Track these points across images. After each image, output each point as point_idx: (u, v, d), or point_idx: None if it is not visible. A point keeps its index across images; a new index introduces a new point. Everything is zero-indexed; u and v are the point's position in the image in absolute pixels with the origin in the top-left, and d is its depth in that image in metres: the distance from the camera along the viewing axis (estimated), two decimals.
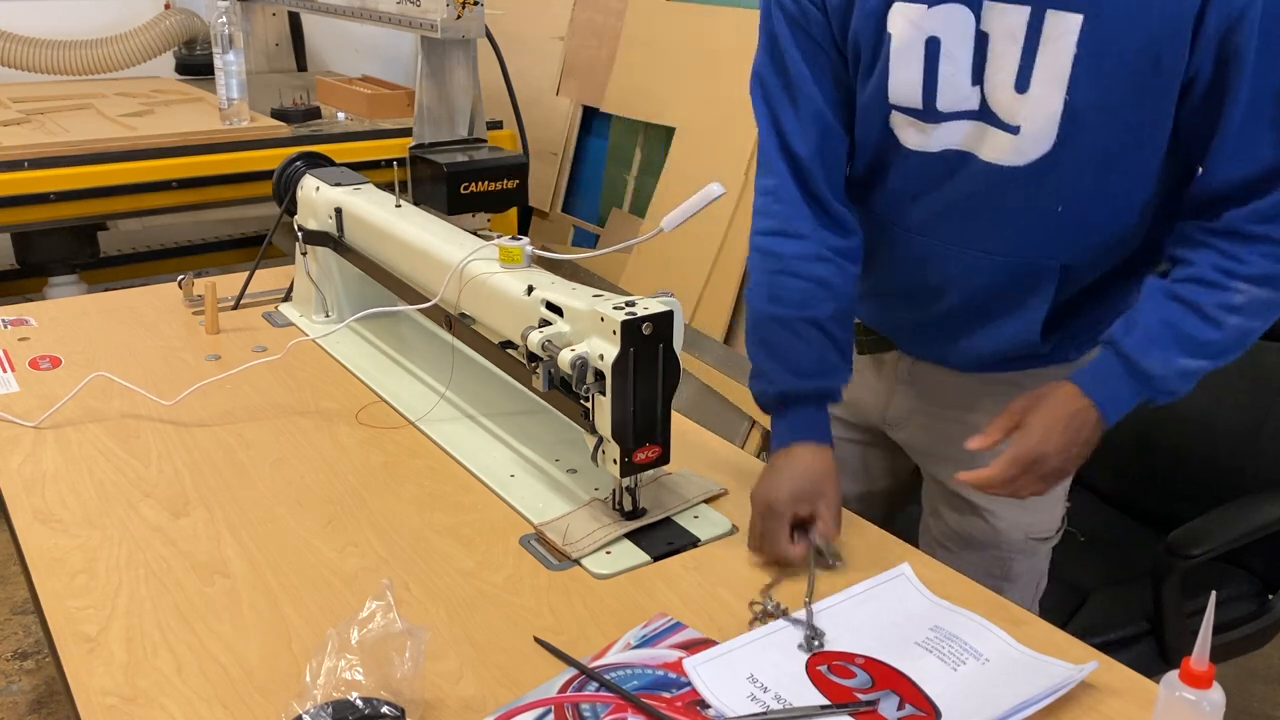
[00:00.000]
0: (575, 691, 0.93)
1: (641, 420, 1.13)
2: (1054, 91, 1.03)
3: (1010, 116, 1.06)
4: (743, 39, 2.86)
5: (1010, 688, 0.94)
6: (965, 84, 1.07)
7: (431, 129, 2.58)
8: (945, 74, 1.08)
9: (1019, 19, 1.02)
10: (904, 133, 1.15)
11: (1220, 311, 1.05)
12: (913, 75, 1.09)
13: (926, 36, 1.07)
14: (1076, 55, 1.00)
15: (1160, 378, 1.08)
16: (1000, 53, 1.04)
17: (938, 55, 1.07)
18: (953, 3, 1.04)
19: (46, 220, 2.48)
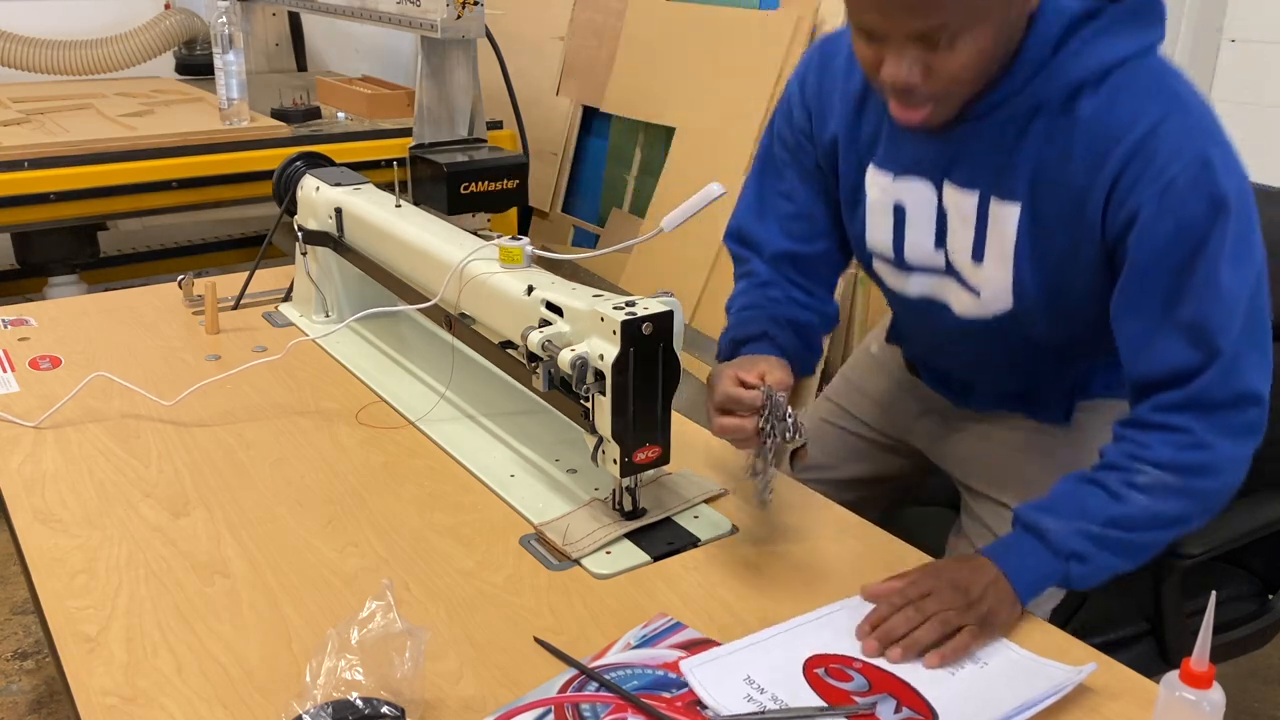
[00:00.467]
0: (575, 691, 0.93)
1: (641, 420, 1.13)
2: (1003, 266, 1.13)
3: (971, 280, 1.18)
4: (743, 39, 2.86)
5: (1008, 690, 0.94)
6: (930, 247, 1.19)
7: (431, 129, 2.57)
8: (910, 237, 1.20)
9: (970, 202, 1.13)
10: (885, 275, 1.28)
11: (1124, 488, 1.06)
12: (883, 233, 1.22)
13: (894, 202, 1.19)
14: (1017, 238, 1.11)
15: (1058, 534, 1.05)
16: (956, 228, 1.15)
17: (904, 220, 1.19)
18: (916, 177, 1.16)
19: (46, 220, 2.48)
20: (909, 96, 1.03)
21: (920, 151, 1.15)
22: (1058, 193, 1.07)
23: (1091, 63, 1.03)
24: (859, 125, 1.21)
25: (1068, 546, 1.05)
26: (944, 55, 0.99)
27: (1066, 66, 1.04)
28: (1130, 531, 1.06)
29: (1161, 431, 1.06)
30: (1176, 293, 1.03)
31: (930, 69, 1.00)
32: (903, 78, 1.01)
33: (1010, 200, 1.10)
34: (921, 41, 0.99)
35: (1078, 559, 1.05)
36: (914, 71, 1.00)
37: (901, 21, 0.98)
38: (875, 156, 1.20)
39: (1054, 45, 1.03)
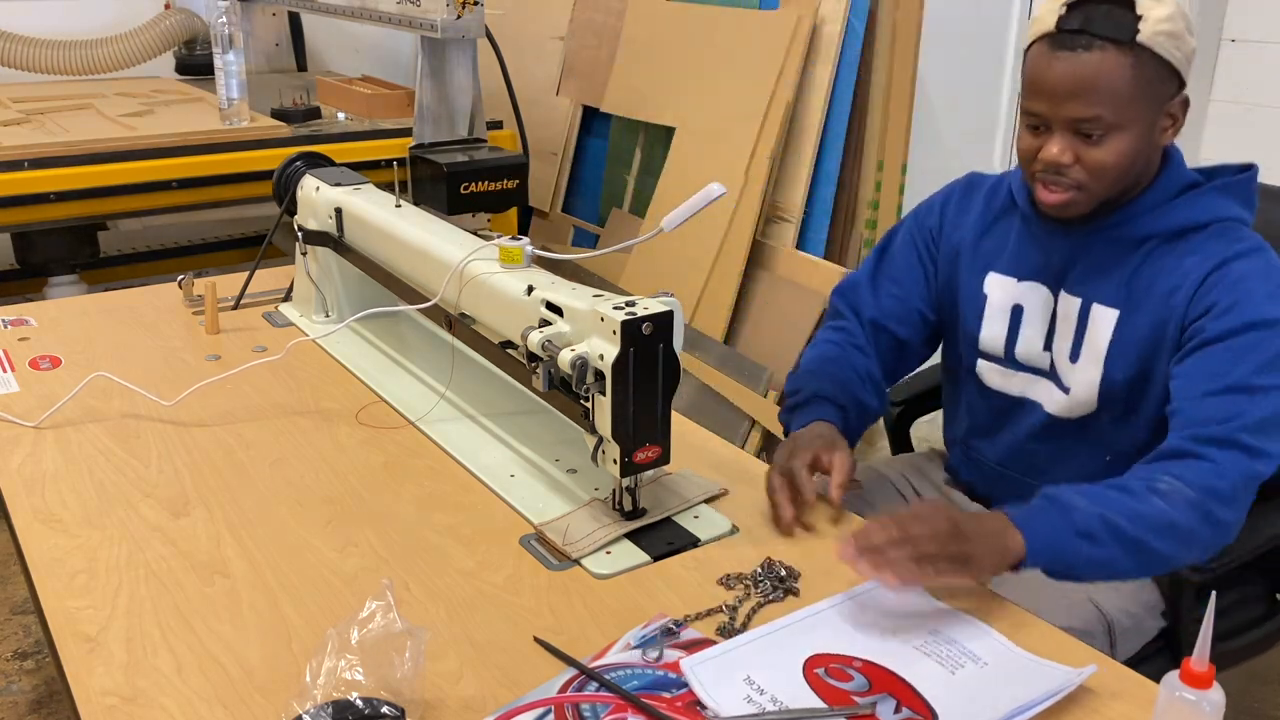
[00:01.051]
0: (575, 691, 0.93)
1: (641, 420, 1.13)
2: (1095, 365, 1.29)
3: (1065, 379, 1.33)
4: (743, 39, 2.86)
5: (1008, 691, 0.94)
6: (1039, 347, 1.35)
7: (431, 129, 2.57)
8: (1025, 335, 1.36)
9: (1075, 306, 1.31)
10: (989, 376, 1.42)
11: (1144, 490, 1.13)
12: (1000, 331, 1.38)
13: (1014, 303, 1.36)
14: (1111, 339, 1.28)
15: (1080, 512, 1.11)
16: (1062, 329, 1.33)
17: (1020, 318, 1.36)
18: (1036, 282, 1.34)
19: (46, 220, 2.48)
20: (1057, 179, 1.23)
21: (1042, 260, 1.33)
22: (1150, 300, 1.26)
23: (1202, 213, 1.26)
24: (987, 238, 1.41)
25: (1086, 525, 1.10)
26: (1094, 147, 1.20)
27: (1179, 213, 1.26)
28: (1143, 530, 1.11)
29: (1190, 459, 1.15)
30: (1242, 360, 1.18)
31: (1080, 157, 1.21)
32: (1056, 157, 1.21)
33: (1110, 306, 1.28)
34: (1077, 132, 1.20)
35: (1089, 539, 1.10)
36: (1067, 154, 1.21)
37: (1066, 107, 1.19)
38: (999, 265, 1.38)
39: (1172, 196, 1.27)
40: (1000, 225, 1.40)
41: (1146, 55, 1.17)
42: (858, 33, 2.70)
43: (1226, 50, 3.71)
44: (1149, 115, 1.20)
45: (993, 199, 1.43)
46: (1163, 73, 1.19)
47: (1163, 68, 1.19)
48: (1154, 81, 1.19)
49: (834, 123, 2.75)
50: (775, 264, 2.79)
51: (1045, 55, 1.20)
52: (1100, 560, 1.11)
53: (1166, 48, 1.17)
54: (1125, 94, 1.18)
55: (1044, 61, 1.20)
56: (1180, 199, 1.27)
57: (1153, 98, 1.20)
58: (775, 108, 2.73)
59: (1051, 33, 1.20)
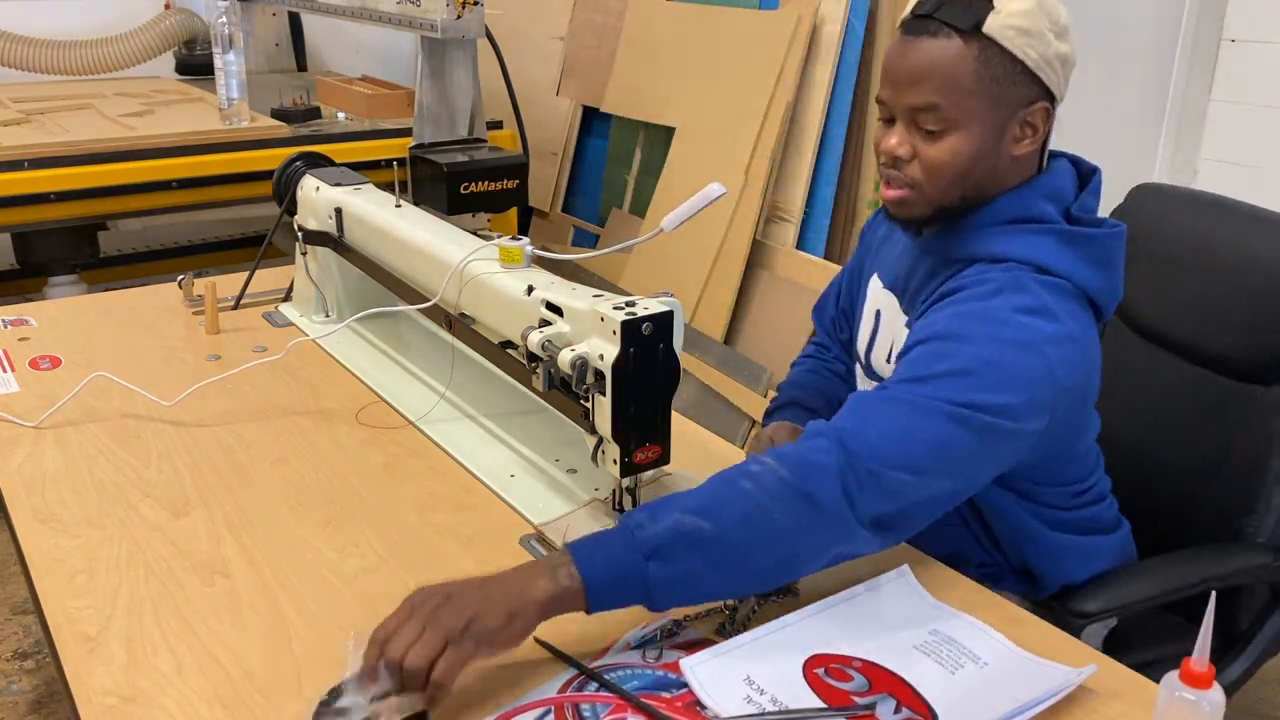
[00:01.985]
0: (575, 691, 0.93)
1: (641, 420, 1.13)
2: None
3: None
4: (743, 39, 2.86)
5: (1008, 691, 0.94)
6: (884, 357, 1.29)
7: (431, 129, 2.57)
8: (878, 342, 1.31)
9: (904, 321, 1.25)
10: (859, 381, 1.39)
11: (735, 474, 1.00)
12: (866, 332, 1.34)
13: (876, 308, 1.32)
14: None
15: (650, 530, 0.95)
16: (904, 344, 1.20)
17: (879, 324, 1.31)
18: (892, 291, 1.29)
19: (46, 220, 2.48)
20: (895, 174, 1.17)
21: (902, 269, 1.28)
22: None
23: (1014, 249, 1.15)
24: (884, 245, 1.36)
25: (651, 541, 0.95)
26: (931, 144, 1.14)
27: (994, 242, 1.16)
28: (718, 524, 0.96)
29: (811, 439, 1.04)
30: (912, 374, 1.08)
31: (917, 152, 1.15)
32: (893, 148, 1.16)
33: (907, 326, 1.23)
34: (915, 124, 1.14)
35: (659, 557, 0.95)
36: (904, 146, 1.15)
37: (905, 94, 1.14)
38: (879, 269, 1.34)
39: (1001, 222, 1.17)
40: (896, 235, 1.33)
41: (994, 50, 1.10)
42: (858, 33, 2.70)
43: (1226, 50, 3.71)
44: (993, 117, 1.12)
45: None
46: (1013, 73, 1.11)
47: (1013, 67, 1.11)
48: (1001, 80, 1.11)
49: (834, 123, 2.75)
50: (775, 264, 2.79)
51: (896, 40, 1.15)
52: (685, 574, 0.95)
53: (1018, 44, 1.10)
54: (964, 87, 1.10)
55: (893, 46, 1.15)
56: (1003, 229, 1.16)
57: (998, 98, 1.12)
58: (775, 108, 2.73)
59: (907, 18, 1.15)
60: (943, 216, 1.18)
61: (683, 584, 0.96)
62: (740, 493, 0.99)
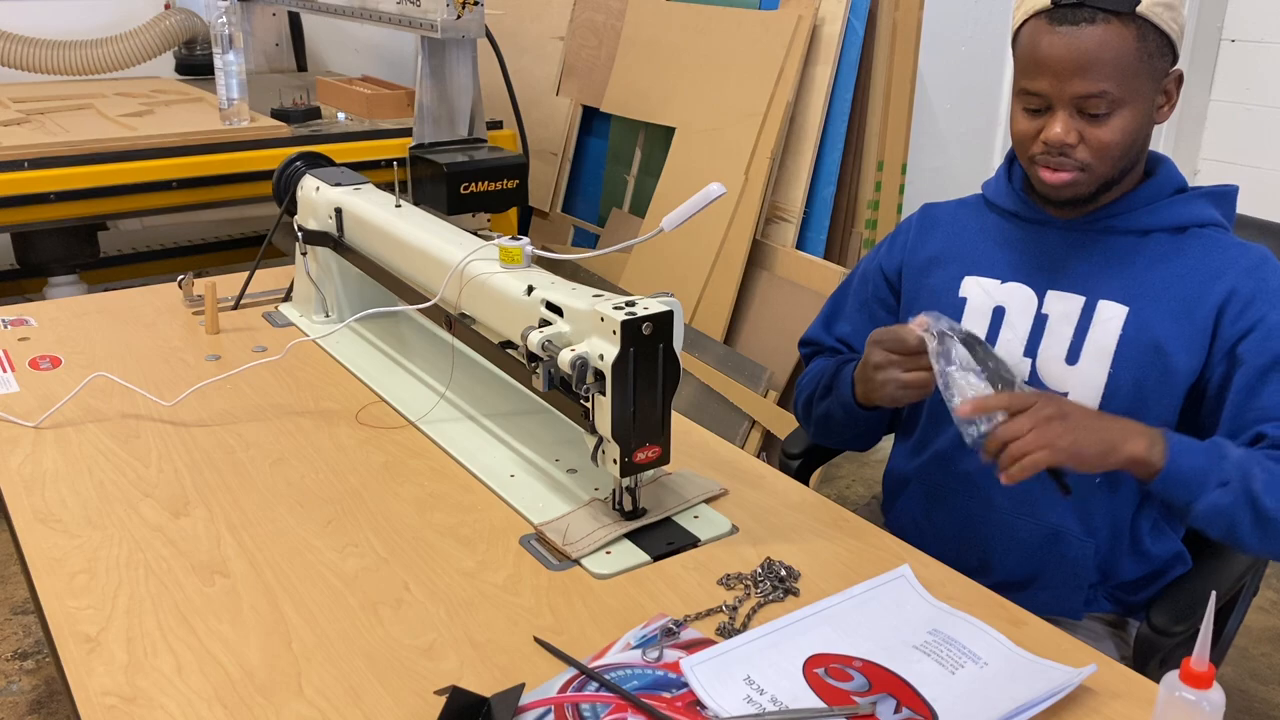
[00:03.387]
0: (575, 691, 0.93)
1: (641, 420, 1.13)
2: (1101, 364, 1.25)
3: (1058, 385, 1.28)
4: (743, 39, 2.86)
5: (1008, 691, 0.94)
6: (1019, 352, 1.30)
7: (431, 129, 2.57)
8: (1004, 338, 1.31)
9: (1075, 305, 1.27)
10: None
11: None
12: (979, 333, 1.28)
13: (995, 305, 1.32)
14: (1121, 336, 1.24)
15: (1232, 460, 1.12)
16: (1055, 330, 1.28)
17: (1000, 322, 1.31)
18: (1019, 284, 1.31)
19: (46, 220, 2.48)
20: (1061, 160, 1.21)
21: (1028, 260, 1.31)
22: (1165, 298, 1.24)
23: (1196, 214, 1.26)
24: (958, 246, 1.38)
25: (1228, 474, 1.11)
26: (1098, 126, 1.18)
27: (1179, 210, 1.26)
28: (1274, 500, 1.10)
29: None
30: None
31: (1084, 137, 1.19)
32: (1061, 137, 1.18)
33: (1119, 301, 1.25)
34: (1081, 110, 1.18)
35: (1223, 488, 1.10)
36: (1071, 134, 1.19)
37: (1070, 84, 1.16)
38: (977, 269, 1.35)
39: (1169, 194, 1.27)
40: (973, 233, 1.37)
41: (1148, 27, 1.16)
42: (858, 33, 2.70)
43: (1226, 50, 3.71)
44: (1150, 90, 1.19)
45: (960, 213, 1.41)
46: (1162, 45, 1.18)
47: (1162, 40, 1.17)
48: (1154, 55, 1.17)
49: (834, 123, 2.75)
50: (775, 264, 2.79)
51: (1044, 31, 1.17)
52: (1222, 508, 1.11)
53: (1165, 19, 1.16)
54: (1129, 68, 1.16)
55: (1043, 37, 1.17)
56: (1177, 197, 1.27)
57: (1153, 72, 1.18)
58: (775, 108, 2.73)
59: (1048, 8, 1.17)
60: (1102, 191, 1.24)
61: (1224, 520, 1.12)
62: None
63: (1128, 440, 1.12)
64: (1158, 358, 1.23)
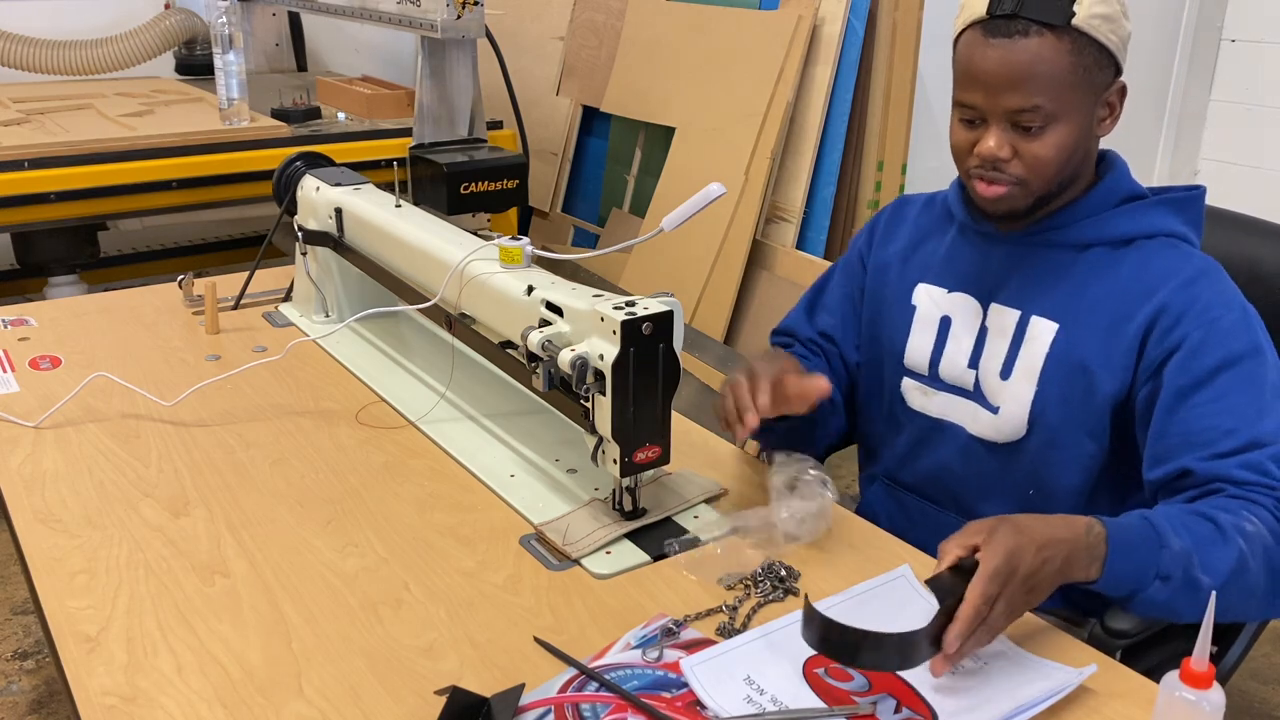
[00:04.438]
0: (575, 691, 0.93)
1: (641, 420, 1.13)
2: (1029, 381, 1.23)
3: (994, 398, 1.26)
4: (743, 39, 2.86)
5: (1008, 691, 0.94)
6: (963, 364, 1.29)
7: (431, 129, 2.57)
8: (949, 350, 1.30)
9: (1011, 319, 1.25)
10: (911, 395, 1.35)
11: (1233, 530, 1.05)
12: (926, 343, 1.32)
13: (942, 314, 1.31)
14: (1049, 352, 1.22)
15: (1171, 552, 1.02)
16: (993, 343, 1.26)
17: (947, 331, 1.30)
18: (965, 294, 1.29)
19: (46, 220, 2.48)
20: (996, 174, 1.18)
21: (974, 270, 1.29)
22: (1095, 316, 1.20)
23: (1145, 224, 1.21)
24: (917, 250, 1.36)
25: (1168, 568, 1.02)
26: (1031, 141, 1.15)
27: (1122, 221, 1.22)
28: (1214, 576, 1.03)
29: (1259, 488, 1.08)
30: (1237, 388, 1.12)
31: (1018, 151, 1.16)
32: (994, 151, 1.16)
33: (1049, 318, 1.22)
34: (1015, 124, 1.15)
35: (1164, 581, 1.03)
36: (1005, 148, 1.16)
37: (1003, 98, 1.13)
38: (929, 276, 1.33)
39: (1114, 203, 1.22)
40: (933, 238, 1.35)
41: (1084, 40, 1.12)
42: (858, 33, 2.70)
43: (1226, 50, 3.71)
44: (1087, 104, 1.16)
45: (926, 213, 1.38)
46: (1100, 59, 1.14)
47: (1100, 53, 1.14)
48: (1091, 68, 1.14)
49: (834, 123, 2.75)
50: (775, 264, 2.80)
51: (978, 43, 1.14)
52: (1160, 602, 1.03)
53: (1103, 31, 1.12)
54: (1064, 82, 1.12)
55: (977, 50, 1.14)
56: (1123, 208, 1.22)
57: (1090, 85, 1.15)
58: (775, 108, 2.73)
59: (983, 19, 1.14)
60: (1041, 205, 1.21)
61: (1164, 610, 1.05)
62: (1236, 551, 1.04)
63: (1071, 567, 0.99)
64: (1083, 377, 1.20)
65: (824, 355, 1.44)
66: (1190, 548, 1.03)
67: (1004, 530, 0.97)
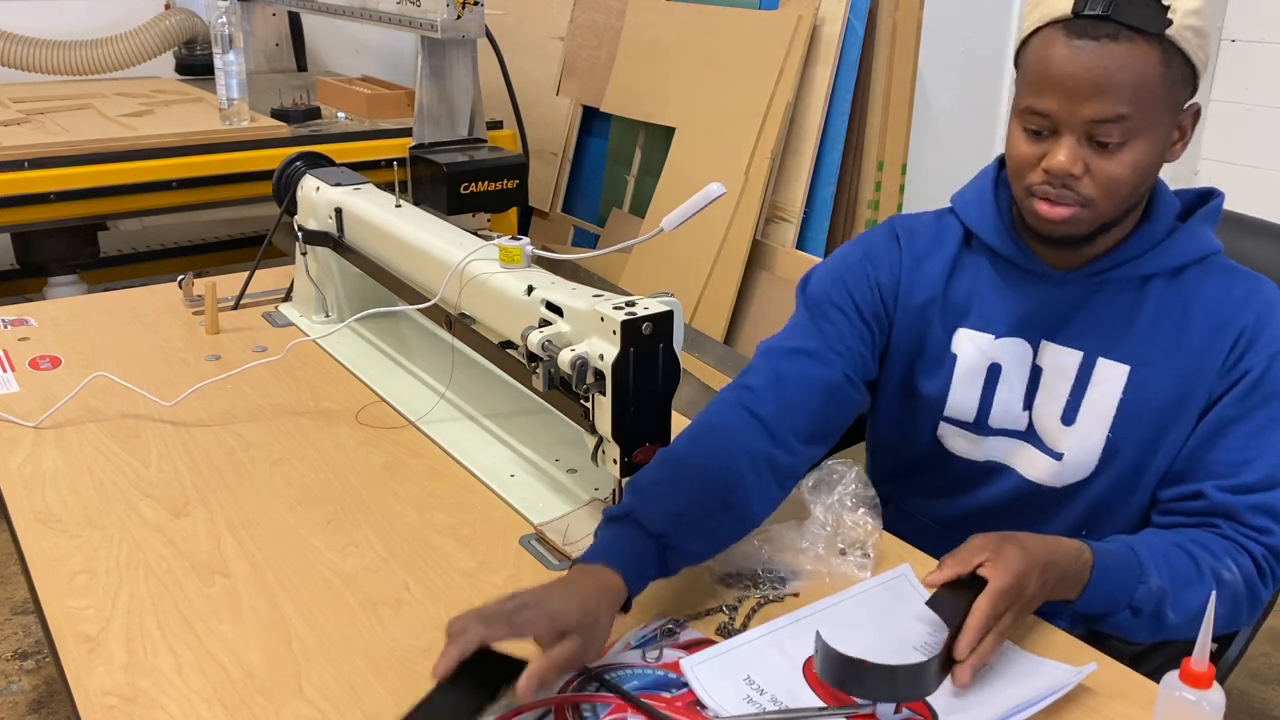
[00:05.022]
0: (575, 691, 0.93)
1: (641, 420, 1.13)
2: (1099, 426, 1.16)
3: (1054, 444, 1.19)
4: (743, 39, 2.86)
5: (1008, 690, 0.94)
6: (1017, 408, 1.20)
7: (431, 129, 2.57)
8: (1001, 397, 1.20)
9: (1073, 361, 1.16)
10: (952, 441, 1.25)
11: (1209, 573, 1.06)
12: (972, 394, 1.21)
13: (990, 362, 1.19)
14: (1122, 397, 1.14)
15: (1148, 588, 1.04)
16: (1050, 386, 1.18)
17: (997, 379, 1.20)
18: (1016, 337, 1.18)
19: (46, 220, 2.48)
20: (1063, 192, 1.06)
21: (1023, 311, 1.18)
22: (1169, 355, 1.13)
23: (1197, 248, 1.14)
24: (950, 290, 1.22)
25: (1142, 601, 1.04)
26: (1108, 158, 1.04)
27: (1176, 248, 1.14)
28: (1180, 615, 1.05)
29: (1254, 534, 1.09)
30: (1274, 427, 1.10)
31: (1090, 168, 1.05)
32: (1066, 166, 1.04)
33: (1119, 361, 1.15)
34: (1091, 137, 1.04)
35: (1134, 613, 1.04)
36: (1078, 164, 1.04)
37: (1085, 106, 1.02)
38: (968, 320, 1.21)
39: (1167, 231, 1.14)
40: (963, 273, 1.22)
41: (1174, 52, 1.02)
42: (858, 33, 2.70)
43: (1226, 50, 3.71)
44: (1167, 123, 1.06)
45: (942, 243, 1.23)
46: (1186, 75, 1.04)
47: (1186, 69, 1.04)
48: (1177, 83, 1.04)
49: (834, 123, 2.75)
50: (775, 264, 2.80)
51: (1060, 44, 1.02)
52: (1124, 627, 1.05)
53: (1193, 45, 1.02)
54: (1152, 94, 1.02)
55: (1059, 51, 1.02)
56: (1172, 235, 1.14)
57: (1175, 104, 1.05)
58: (775, 108, 2.74)
59: (1066, 17, 1.02)
60: (1101, 232, 1.11)
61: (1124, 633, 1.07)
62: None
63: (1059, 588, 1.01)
64: (1157, 424, 1.14)
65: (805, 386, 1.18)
66: (1167, 587, 1.04)
67: (1011, 551, 0.97)
